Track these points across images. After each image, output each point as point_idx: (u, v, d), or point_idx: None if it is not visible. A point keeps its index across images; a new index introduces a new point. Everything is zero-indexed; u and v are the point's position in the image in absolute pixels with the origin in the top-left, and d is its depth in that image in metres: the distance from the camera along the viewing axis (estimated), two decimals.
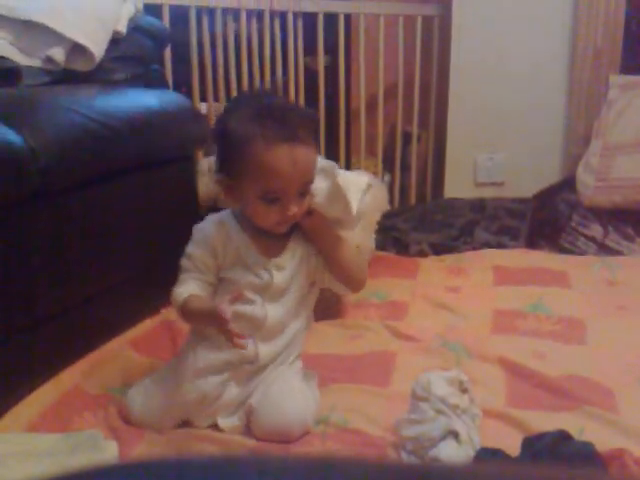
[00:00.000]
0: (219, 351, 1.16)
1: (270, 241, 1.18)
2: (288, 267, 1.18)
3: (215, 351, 1.16)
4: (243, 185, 1.11)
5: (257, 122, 1.07)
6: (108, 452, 1.09)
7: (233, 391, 1.18)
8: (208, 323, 1.13)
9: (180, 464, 0.27)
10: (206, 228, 1.18)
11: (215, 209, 1.84)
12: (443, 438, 1.03)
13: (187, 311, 1.14)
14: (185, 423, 1.19)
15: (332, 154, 2.44)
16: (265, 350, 1.17)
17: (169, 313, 1.63)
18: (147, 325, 1.57)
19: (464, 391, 1.11)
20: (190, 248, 1.17)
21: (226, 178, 1.13)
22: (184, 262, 1.17)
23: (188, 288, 1.15)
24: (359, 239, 1.79)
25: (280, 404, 1.14)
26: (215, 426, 1.18)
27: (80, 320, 1.39)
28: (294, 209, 1.10)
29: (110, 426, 1.18)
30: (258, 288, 1.16)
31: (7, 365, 1.21)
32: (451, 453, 1.01)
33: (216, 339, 1.14)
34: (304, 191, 1.12)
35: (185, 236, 1.19)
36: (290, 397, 1.16)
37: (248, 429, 1.17)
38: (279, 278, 1.17)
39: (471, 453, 1.02)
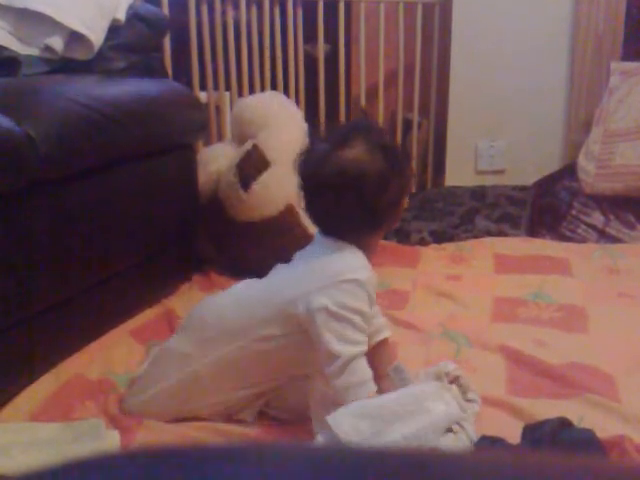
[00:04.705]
0: None
1: None
2: None
3: None
4: (399, 204, 1.10)
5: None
6: (110, 441, 1.09)
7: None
8: None
9: (180, 453, 0.27)
10: (371, 278, 1.07)
11: (215, 199, 1.85)
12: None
13: None
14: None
15: None
16: None
17: (169, 302, 1.63)
18: (148, 315, 1.57)
19: (452, 381, 1.12)
20: (366, 307, 1.05)
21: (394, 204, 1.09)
22: (363, 325, 1.04)
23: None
24: None
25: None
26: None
27: (80, 310, 1.39)
28: None
29: (110, 414, 1.18)
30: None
31: (7, 355, 1.21)
32: (448, 443, 1.02)
33: None
34: None
35: (185, 225, 1.17)
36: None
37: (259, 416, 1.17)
38: None
39: (465, 441, 1.03)
